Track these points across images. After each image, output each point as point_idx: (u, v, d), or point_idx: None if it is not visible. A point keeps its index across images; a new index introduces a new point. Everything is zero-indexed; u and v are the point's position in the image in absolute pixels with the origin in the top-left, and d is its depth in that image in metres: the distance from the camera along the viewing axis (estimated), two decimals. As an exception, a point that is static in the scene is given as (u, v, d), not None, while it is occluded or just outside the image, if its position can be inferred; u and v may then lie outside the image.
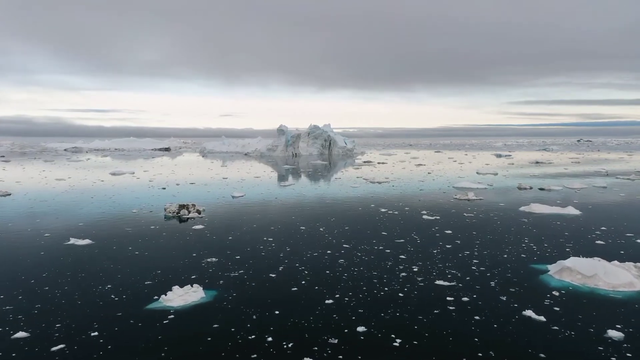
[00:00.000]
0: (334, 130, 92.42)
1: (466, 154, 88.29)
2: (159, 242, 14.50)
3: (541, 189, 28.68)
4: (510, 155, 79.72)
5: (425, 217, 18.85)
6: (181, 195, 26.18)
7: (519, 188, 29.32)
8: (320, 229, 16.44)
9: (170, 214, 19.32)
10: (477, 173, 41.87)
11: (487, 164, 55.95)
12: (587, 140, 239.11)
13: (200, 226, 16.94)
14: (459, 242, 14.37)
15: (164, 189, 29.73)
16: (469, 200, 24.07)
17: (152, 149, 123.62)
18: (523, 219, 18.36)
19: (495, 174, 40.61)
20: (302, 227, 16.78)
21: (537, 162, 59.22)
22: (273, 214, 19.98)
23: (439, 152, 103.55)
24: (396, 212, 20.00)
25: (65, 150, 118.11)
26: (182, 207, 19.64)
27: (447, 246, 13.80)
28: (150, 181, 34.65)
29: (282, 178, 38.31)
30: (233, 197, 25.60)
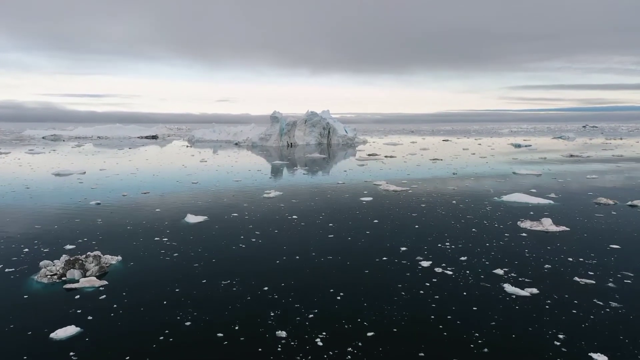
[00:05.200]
0: (333, 117, 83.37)
1: (479, 144, 79.54)
2: None
3: (632, 206, 20.19)
4: (530, 146, 71.03)
5: (508, 289, 10.32)
6: (114, 217, 17.65)
7: (598, 204, 20.82)
8: (316, 340, 7.92)
9: (47, 280, 10.76)
10: (514, 173, 33.31)
11: (514, 158, 47.36)
12: (593, 126, 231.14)
13: (75, 329, 8.35)
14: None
15: (99, 204, 21.12)
16: (547, 232, 15.60)
17: (137, 137, 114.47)
18: (696, 295, 9.87)
19: (539, 175, 32.10)
20: (280, 334, 8.24)
21: (571, 155, 50.62)
22: (235, 274, 11.39)
23: (447, 140, 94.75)
24: (450, 272, 11.45)
25: (43, 138, 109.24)
26: (71, 264, 11.07)
27: None
28: (92, 188, 26.00)
29: (268, 182, 29.66)
30: (187, 223, 17.09)
